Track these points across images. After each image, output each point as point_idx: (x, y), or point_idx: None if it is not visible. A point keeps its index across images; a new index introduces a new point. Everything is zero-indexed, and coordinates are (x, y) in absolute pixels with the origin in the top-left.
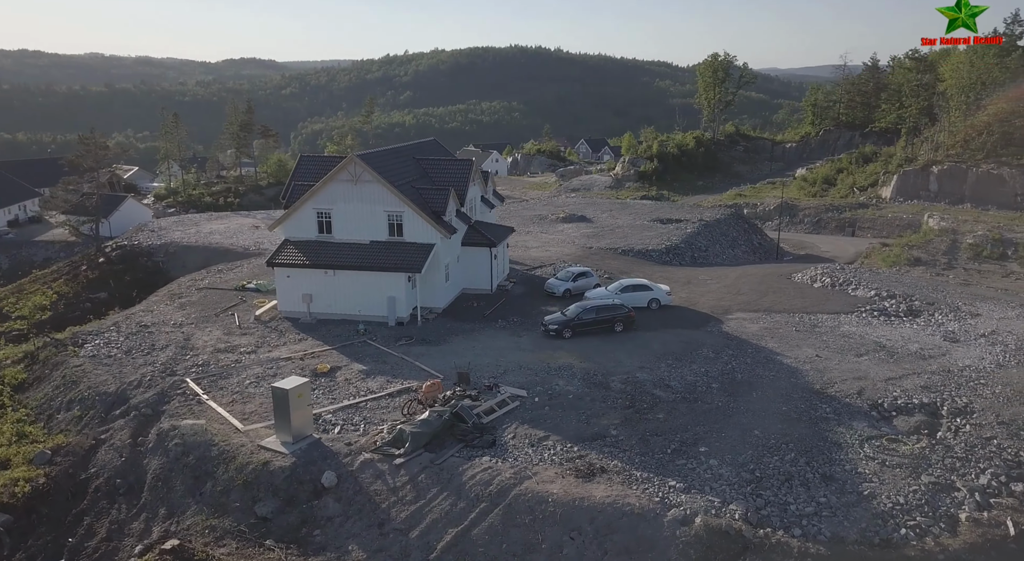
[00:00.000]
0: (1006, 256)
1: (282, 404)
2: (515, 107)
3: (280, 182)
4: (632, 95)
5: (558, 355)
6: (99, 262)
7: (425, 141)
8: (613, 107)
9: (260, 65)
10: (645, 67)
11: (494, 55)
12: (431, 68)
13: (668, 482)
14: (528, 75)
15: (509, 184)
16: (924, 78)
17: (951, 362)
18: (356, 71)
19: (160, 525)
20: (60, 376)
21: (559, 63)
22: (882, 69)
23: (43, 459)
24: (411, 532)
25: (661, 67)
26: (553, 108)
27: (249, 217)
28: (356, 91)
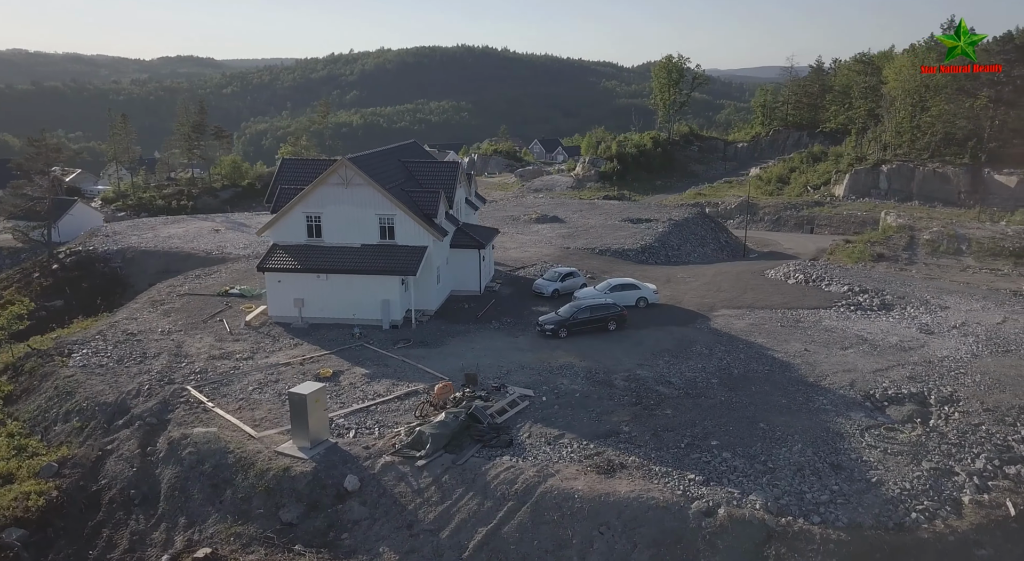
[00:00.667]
0: (961, 251)
1: (300, 409)
2: (464, 107)
3: (235, 184)
4: (580, 95)
5: (557, 355)
6: (52, 269)
7: (406, 144)
8: (562, 107)
9: (198, 63)
10: (591, 67)
11: (441, 55)
12: (377, 67)
13: (687, 475)
14: (476, 75)
15: None
16: (871, 81)
17: (930, 353)
18: (300, 70)
19: (181, 534)
20: (52, 387)
21: (507, 63)
22: (827, 71)
23: (50, 472)
24: (441, 532)
25: (607, 68)
26: (502, 108)
27: (207, 220)
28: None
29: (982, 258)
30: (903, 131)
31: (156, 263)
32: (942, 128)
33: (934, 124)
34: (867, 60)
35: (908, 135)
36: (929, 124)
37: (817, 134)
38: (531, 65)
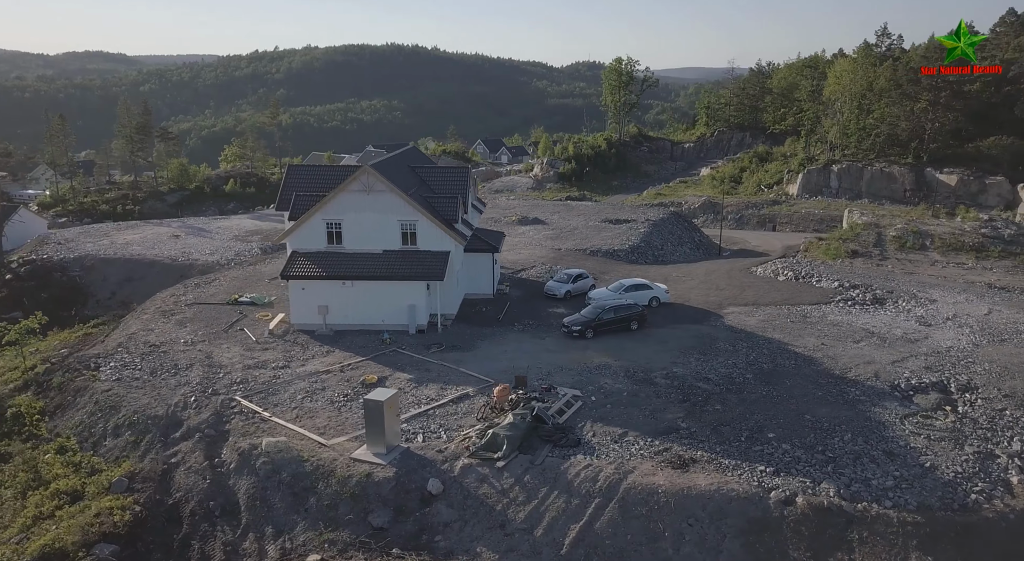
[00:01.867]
0: (925, 246)
1: (376, 416)
2: (396, 106)
3: (183, 188)
4: (512, 95)
5: (589, 355)
6: (6, 279)
7: (406, 149)
8: (494, 107)
9: (108, 59)
10: (522, 67)
11: (371, 53)
12: (305, 65)
13: (757, 467)
14: (407, 74)
15: None
16: (817, 84)
17: (935, 344)
18: (223, 67)
19: (272, 543)
20: (91, 401)
21: (437, 62)
22: (766, 74)
23: (121, 487)
24: (535, 531)
25: (537, 67)
26: (435, 108)
27: (162, 226)
28: (224, 89)
29: (945, 253)
30: (850, 133)
31: (118, 271)
32: (886, 129)
33: (878, 126)
34: (813, 64)
35: (855, 137)
36: (873, 126)
37: (758, 134)
38: (462, 64)
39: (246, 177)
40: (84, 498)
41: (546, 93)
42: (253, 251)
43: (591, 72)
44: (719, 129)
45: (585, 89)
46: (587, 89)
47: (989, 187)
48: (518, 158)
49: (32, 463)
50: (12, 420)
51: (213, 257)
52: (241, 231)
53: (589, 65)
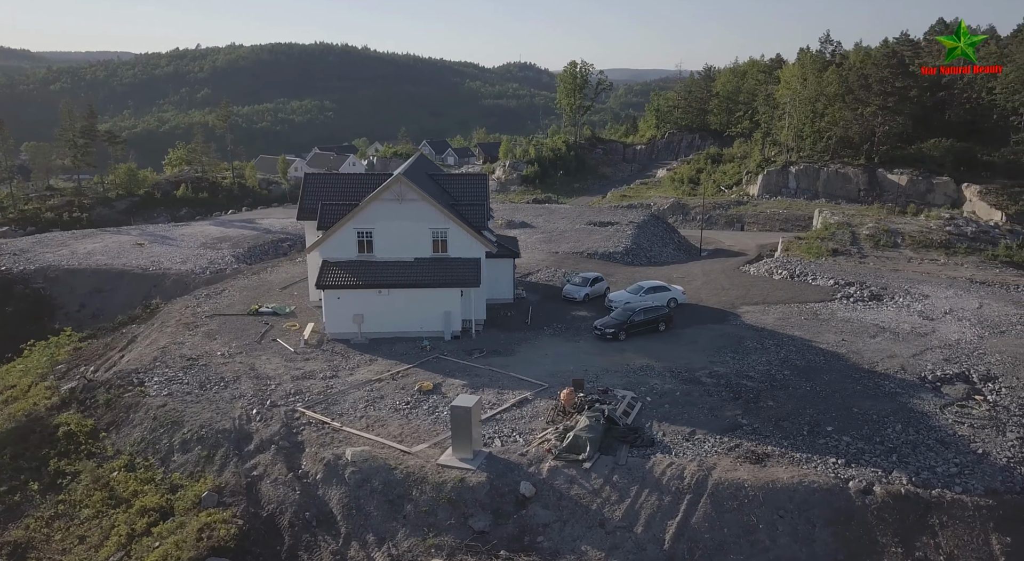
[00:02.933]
0: (897, 244)
1: (463, 422)
2: (328, 106)
3: (131, 194)
4: (445, 95)
5: (628, 356)
6: None
7: (418, 157)
8: (428, 107)
9: (10, 55)
10: (454, 68)
11: (299, 52)
12: (230, 64)
13: (828, 459)
14: (337, 73)
15: None
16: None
17: (944, 337)
18: (141, 66)
19: (377, 551)
20: (149, 417)
21: (368, 62)
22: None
23: (212, 501)
24: (635, 528)
25: (469, 68)
26: (368, 108)
27: (121, 233)
28: (144, 88)
29: (917, 250)
30: (804, 135)
31: (85, 282)
32: (838, 132)
33: (830, 129)
34: (768, 69)
35: (810, 139)
36: (826, 129)
37: (708, 136)
38: (393, 64)
39: (197, 182)
40: (174, 514)
41: (480, 94)
42: (226, 259)
43: (523, 73)
44: (669, 131)
45: (518, 90)
46: (520, 90)
47: (936, 186)
48: (464, 159)
49: (103, 481)
50: (65, 439)
51: (185, 266)
52: (208, 238)
53: (520, 66)
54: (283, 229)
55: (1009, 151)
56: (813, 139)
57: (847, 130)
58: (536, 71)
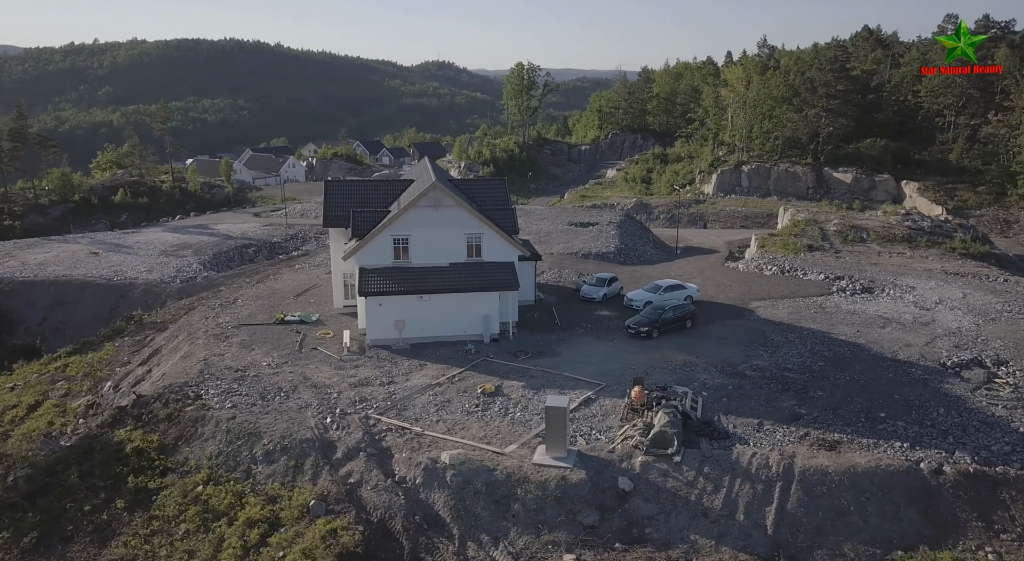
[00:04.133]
0: (863, 239)
1: (558, 421)
2: (243, 105)
3: (66, 200)
4: (365, 94)
5: (667, 354)
6: None
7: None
8: (348, 106)
9: None
10: (373, 66)
11: (208, 48)
12: (133, 60)
13: (892, 443)
14: (251, 71)
15: None
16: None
17: (945, 326)
18: (31, 61)
19: (494, 550)
20: (221, 431)
21: (283, 59)
22: (651, 79)
23: (320, 510)
24: (736, 516)
25: (388, 66)
26: (285, 107)
27: (69, 242)
28: (36, 84)
29: (883, 244)
30: (754, 136)
31: (44, 295)
32: (787, 133)
33: (777, 129)
34: (703, 71)
35: (759, 140)
36: (773, 129)
37: (648, 136)
38: (309, 62)
39: (135, 186)
40: (282, 524)
41: (400, 92)
42: (193, 267)
43: (442, 72)
44: (612, 132)
45: (439, 89)
46: (441, 89)
47: (878, 184)
48: (400, 160)
49: (192, 496)
50: (135, 456)
51: (152, 275)
52: (166, 245)
53: (439, 64)
54: (243, 234)
55: (936, 150)
56: (762, 140)
57: (795, 131)
58: (455, 70)
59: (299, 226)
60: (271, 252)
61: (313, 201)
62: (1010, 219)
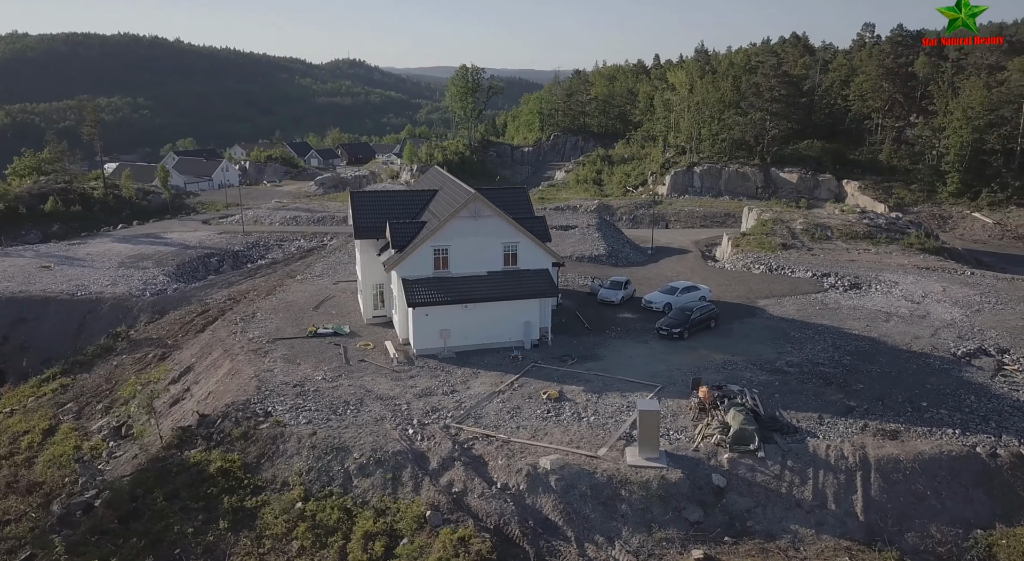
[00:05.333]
0: (828, 237)
1: (652, 423)
2: (142, 104)
3: None
4: (275, 93)
5: (703, 353)
6: None
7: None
8: (258, 105)
9: None
10: (280, 63)
11: (100, 43)
12: (15, 55)
13: (945, 431)
14: (149, 68)
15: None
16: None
17: (940, 318)
18: None
19: (612, 549)
20: (304, 447)
21: (183, 56)
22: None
23: (437, 520)
24: (827, 505)
25: (297, 64)
26: (190, 106)
27: (11, 256)
28: None
29: (847, 241)
30: (703, 137)
31: (3, 312)
32: (735, 134)
33: (724, 131)
34: (662, 75)
35: (708, 141)
36: (720, 131)
37: (589, 138)
38: (213, 59)
39: (64, 194)
40: (402, 535)
41: (312, 91)
42: (159, 279)
43: (353, 70)
44: (554, 134)
45: (352, 88)
46: (354, 88)
47: (821, 183)
48: (329, 162)
49: (294, 512)
50: (221, 476)
51: (117, 289)
52: (122, 257)
53: (350, 63)
54: (200, 243)
55: (867, 150)
56: (711, 141)
57: (743, 133)
58: (367, 69)
59: (257, 233)
60: (236, 261)
61: (263, 206)
62: (944, 215)
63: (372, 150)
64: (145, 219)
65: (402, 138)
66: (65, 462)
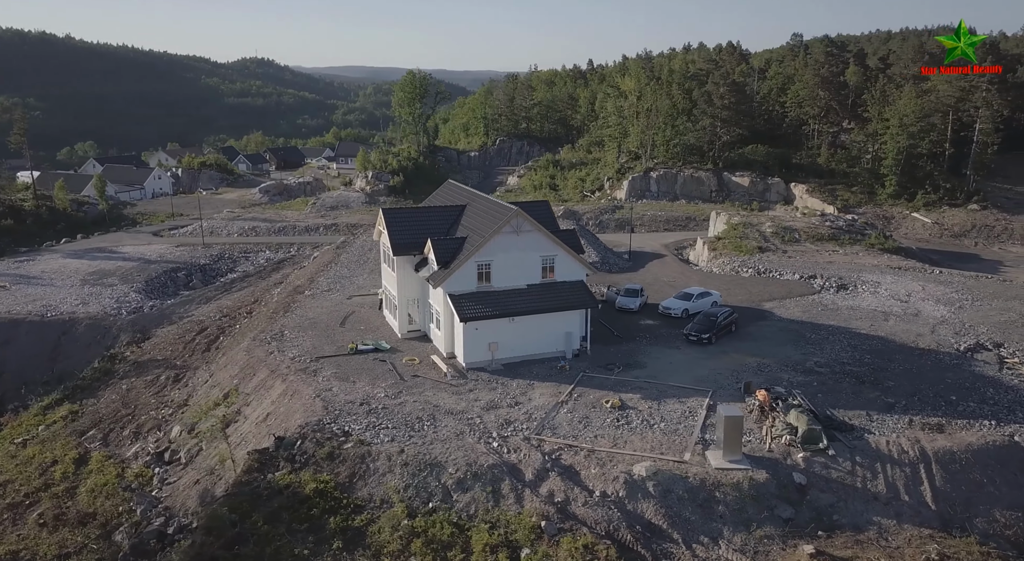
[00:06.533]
0: (796, 239)
1: (737, 428)
2: (34, 104)
3: None
4: (182, 93)
5: (735, 357)
6: None
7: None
8: (163, 106)
9: None
10: (184, 62)
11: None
12: None
13: (983, 422)
14: (36, 67)
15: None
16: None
17: (931, 316)
18: None
19: (719, 548)
20: (396, 465)
21: (76, 53)
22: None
23: (553, 529)
24: (900, 497)
25: (202, 63)
26: (89, 106)
27: None
28: None
29: (815, 243)
30: (657, 143)
31: None
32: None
33: (676, 137)
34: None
35: (662, 147)
36: (672, 136)
37: (534, 143)
38: (109, 57)
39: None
40: (520, 545)
41: (221, 91)
42: (131, 296)
43: (262, 69)
44: (499, 139)
45: (263, 88)
46: (265, 88)
47: (771, 186)
48: (257, 166)
49: (408, 529)
50: (319, 497)
51: (91, 308)
52: (81, 273)
53: (259, 62)
54: (162, 257)
55: (806, 155)
56: (665, 147)
57: (698, 139)
58: (276, 68)
59: (218, 246)
60: (204, 276)
61: (216, 217)
62: (887, 215)
63: (301, 154)
64: (83, 232)
65: (328, 141)
66: (112, 491)
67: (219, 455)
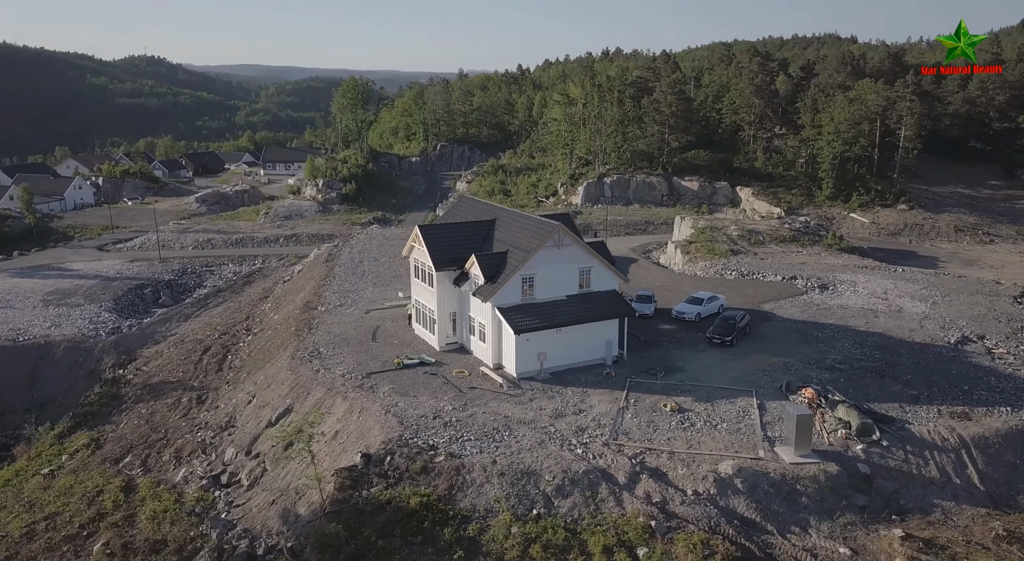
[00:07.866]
0: (761, 241)
1: (806, 426)
2: None
3: None
4: (65, 93)
5: (759, 358)
6: None
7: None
8: (47, 107)
9: None
10: (66, 60)
11: None
12: None
13: (1001, 409)
14: None
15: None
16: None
17: (913, 312)
18: None
19: (814, 536)
20: (492, 475)
21: None
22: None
23: (662, 529)
24: (952, 480)
25: (85, 61)
26: None
27: None
28: None
29: (779, 244)
30: (608, 149)
31: None
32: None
33: (625, 143)
34: (535, 85)
35: (613, 154)
36: (622, 143)
37: (475, 148)
38: None
39: None
40: (635, 545)
41: (110, 91)
42: (104, 316)
43: (153, 68)
44: (440, 144)
45: (156, 88)
46: (159, 88)
47: (719, 190)
48: (174, 172)
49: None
50: (425, 510)
51: (65, 330)
52: (40, 293)
53: (149, 60)
54: (120, 274)
55: (743, 159)
56: (616, 153)
57: (648, 145)
58: (168, 66)
59: (177, 260)
60: (173, 292)
61: (164, 229)
62: (828, 216)
63: (221, 160)
64: (16, 248)
65: (243, 145)
66: (176, 517)
67: (303, 475)
